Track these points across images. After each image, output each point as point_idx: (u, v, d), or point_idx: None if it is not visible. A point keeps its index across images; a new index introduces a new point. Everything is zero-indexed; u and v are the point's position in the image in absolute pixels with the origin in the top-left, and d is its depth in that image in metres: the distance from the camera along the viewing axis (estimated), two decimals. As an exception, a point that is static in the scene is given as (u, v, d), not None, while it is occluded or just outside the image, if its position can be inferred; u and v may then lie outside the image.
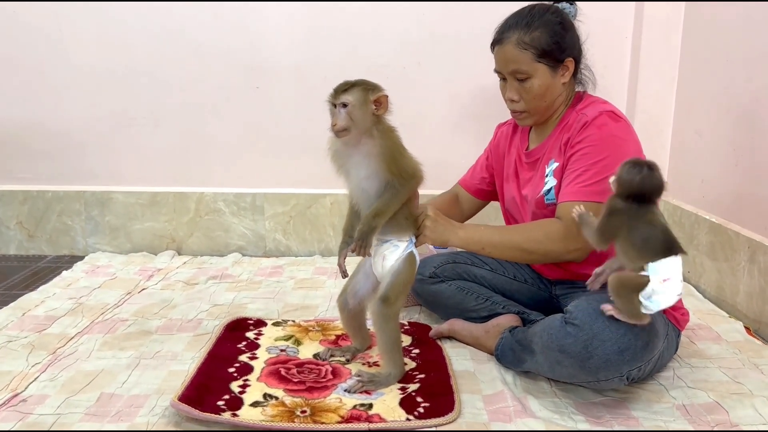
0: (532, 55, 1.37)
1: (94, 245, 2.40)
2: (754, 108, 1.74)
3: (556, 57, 1.38)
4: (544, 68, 1.38)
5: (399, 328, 1.35)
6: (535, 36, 1.37)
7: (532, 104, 1.42)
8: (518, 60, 1.39)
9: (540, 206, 1.44)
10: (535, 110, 1.44)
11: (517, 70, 1.40)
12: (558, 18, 1.40)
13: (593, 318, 1.18)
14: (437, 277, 1.65)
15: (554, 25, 1.38)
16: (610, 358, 1.16)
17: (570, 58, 1.40)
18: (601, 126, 1.33)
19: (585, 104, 1.42)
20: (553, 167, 1.41)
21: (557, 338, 1.21)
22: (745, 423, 1.21)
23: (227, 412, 1.21)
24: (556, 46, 1.37)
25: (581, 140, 1.34)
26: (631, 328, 1.16)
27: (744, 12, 1.79)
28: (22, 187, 2.39)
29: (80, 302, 1.84)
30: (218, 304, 1.84)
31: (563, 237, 1.33)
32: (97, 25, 2.25)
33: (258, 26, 2.24)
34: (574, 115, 1.40)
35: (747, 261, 1.71)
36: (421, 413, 1.22)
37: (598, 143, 1.32)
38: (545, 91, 1.40)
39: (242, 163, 2.37)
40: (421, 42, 2.25)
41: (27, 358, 1.46)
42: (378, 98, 1.25)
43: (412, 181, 1.27)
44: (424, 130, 2.32)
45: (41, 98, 2.31)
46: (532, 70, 1.38)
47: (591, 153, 1.32)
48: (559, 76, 1.40)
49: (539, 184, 1.44)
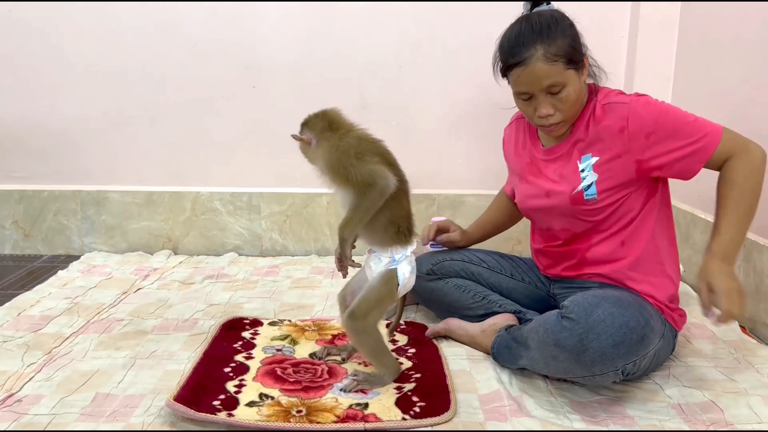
0: (563, 65, 1.32)
1: (90, 245, 2.39)
2: (749, 108, 1.75)
3: (579, 58, 1.35)
4: (573, 73, 1.34)
5: (377, 336, 1.33)
6: (559, 45, 1.32)
7: (570, 112, 1.38)
8: (550, 74, 1.32)
9: (578, 202, 1.40)
10: (571, 117, 1.40)
11: (551, 84, 1.33)
12: (567, 20, 1.37)
13: (589, 312, 1.18)
14: (434, 274, 1.65)
15: (568, 28, 1.35)
16: (606, 351, 1.16)
17: (586, 56, 1.38)
18: (647, 104, 1.33)
19: (602, 95, 1.40)
20: (591, 162, 1.38)
21: (553, 332, 1.22)
22: (740, 422, 1.21)
23: (223, 412, 1.21)
24: (576, 48, 1.35)
25: (654, 122, 1.31)
26: (627, 322, 1.17)
27: (739, 12, 1.79)
28: (18, 186, 2.38)
29: (76, 302, 1.83)
30: (214, 304, 1.84)
31: (744, 155, 1.31)
32: (93, 24, 2.24)
33: (254, 25, 2.24)
34: (598, 107, 1.37)
35: (742, 260, 1.72)
36: (417, 413, 1.22)
37: (666, 111, 1.33)
38: (578, 95, 1.36)
39: (238, 162, 2.37)
40: (417, 41, 2.24)
41: (22, 358, 1.46)
42: (305, 138, 1.34)
43: (371, 190, 1.22)
44: (420, 129, 2.32)
45: (37, 97, 2.31)
46: (565, 79, 1.33)
47: (672, 121, 1.31)
48: (583, 76, 1.39)
49: (573, 180, 1.40)
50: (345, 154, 1.24)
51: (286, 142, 2.34)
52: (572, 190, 1.40)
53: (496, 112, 2.25)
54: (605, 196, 1.37)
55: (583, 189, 1.39)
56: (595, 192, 1.37)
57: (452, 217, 2.30)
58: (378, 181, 1.22)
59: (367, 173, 1.22)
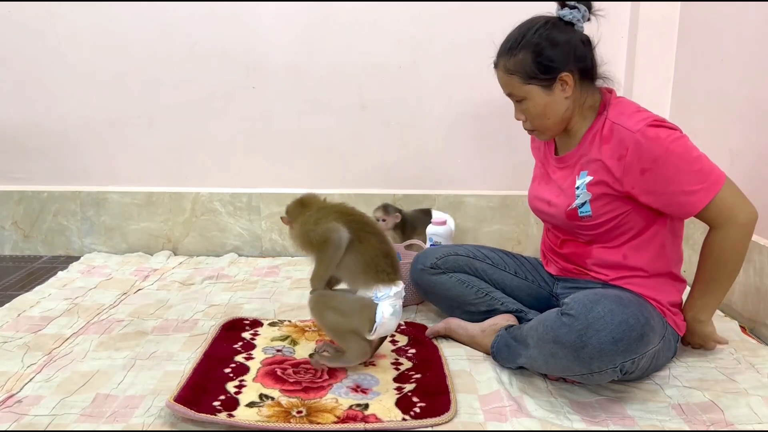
0: (520, 79, 1.36)
1: (90, 245, 2.39)
2: (749, 108, 1.75)
3: (545, 76, 1.34)
4: (537, 89, 1.35)
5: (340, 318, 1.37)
6: (518, 59, 1.35)
7: (536, 123, 1.41)
8: (508, 84, 1.39)
9: (573, 218, 1.41)
10: (542, 127, 1.42)
11: (510, 93, 1.40)
12: (543, 34, 1.33)
13: (589, 308, 1.19)
14: (438, 268, 1.64)
15: (536, 45, 1.33)
16: (604, 347, 1.16)
17: (566, 72, 1.34)
18: (656, 138, 1.27)
19: (616, 111, 1.35)
20: (585, 180, 1.37)
21: (552, 329, 1.22)
22: (740, 422, 1.21)
23: (223, 413, 1.21)
24: (541, 66, 1.33)
25: (654, 159, 1.27)
26: (627, 319, 1.17)
27: (739, 12, 1.79)
28: (17, 187, 2.38)
29: (76, 303, 1.83)
30: (214, 305, 1.84)
31: (733, 226, 1.31)
32: (91, 25, 2.24)
33: (253, 25, 2.24)
34: (608, 125, 1.34)
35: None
36: (417, 413, 1.22)
37: (671, 153, 1.27)
38: (543, 109, 1.37)
39: (238, 163, 2.37)
40: (417, 41, 2.25)
41: (22, 359, 1.46)
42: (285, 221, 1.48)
43: (326, 245, 1.36)
44: (419, 130, 2.32)
45: (36, 98, 2.31)
46: (524, 92, 1.37)
47: (674, 165, 1.27)
48: (558, 92, 1.36)
49: (569, 194, 1.41)
50: (306, 224, 1.40)
51: (286, 142, 2.35)
52: (567, 206, 1.41)
53: (495, 112, 2.26)
54: (601, 214, 1.38)
55: (577, 206, 1.40)
56: (589, 210, 1.38)
57: (453, 217, 2.30)
58: (331, 236, 1.35)
59: (321, 232, 1.37)
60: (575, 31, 1.36)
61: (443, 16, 2.22)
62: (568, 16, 1.36)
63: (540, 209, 1.54)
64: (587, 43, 1.39)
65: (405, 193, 2.35)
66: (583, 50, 1.36)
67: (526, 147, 1.69)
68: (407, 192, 2.35)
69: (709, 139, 1.95)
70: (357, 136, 2.33)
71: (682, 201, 1.30)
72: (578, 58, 1.35)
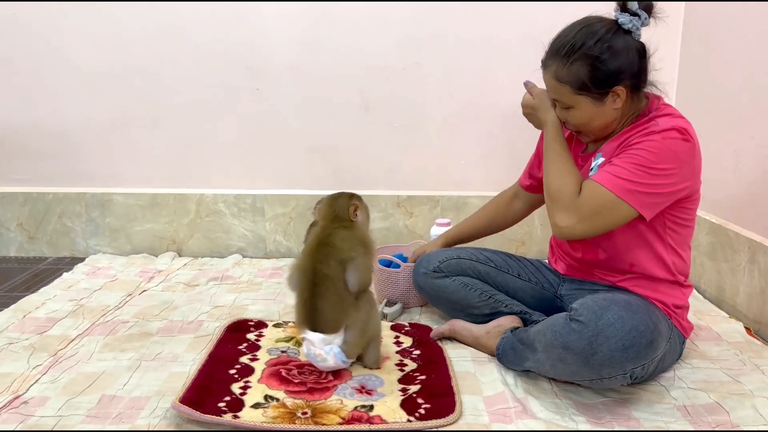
0: (571, 89, 1.31)
1: (95, 247, 2.40)
2: (753, 109, 1.74)
3: (599, 89, 1.29)
4: (586, 100, 1.31)
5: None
6: (573, 70, 1.28)
7: (579, 127, 1.38)
8: (557, 92, 1.33)
9: None
10: (587, 132, 1.39)
11: (557, 100, 1.35)
12: (603, 46, 1.27)
13: (598, 315, 1.18)
14: (441, 272, 1.64)
15: (595, 58, 1.27)
16: (615, 354, 1.16)
17: (620, 86, 1.29)
18: (666, 138, 1.24)
19: (659, 113, 1.32)
20: (599, 162, 1.36)
21: (561, 335, 1.21)
22: (745, 423, 1.21)
23: (228, 414, 1.21)
24: (597, 80, 1.28)
25: (640, 142, 1.26)
26: (636, 326, 1.17)
27: (743, 12, 1.79)
28: (23, 188, 2.39)
29: (81, 304, 1.84)
30: (219, 306, 1.84)
31: (571, 207, 1.28)
32: (95, 26, 2.25)
33: (257, 27, 2.24)
34: (643, 122, 1.32)
35: (747, 261, 1.72)
36: (422, 414, 1.22)
37: (655, 151, 1.24)
38: (590, 119, 1.34)
39: (242, 164, 2.37)
40: (420, 42, 2.25)
41: (28, 360, 1.46)
42: None
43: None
44: (423, 131, 2.32)
45: (40, 99, 2.31)
46: (573, 102, 1.32)
47: (642, 155, 1.24)
48: (609, 103, 1.31)
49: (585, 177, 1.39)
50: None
51: (290, 144, 2.36)
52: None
53: (499, 113, 2.26)
54: None
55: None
56: None
57: (456, 219, 2.30)
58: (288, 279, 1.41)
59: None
60: (633, 40, 1.30)
61: (447, 16, 2.22)
62: (627, 25, 1.28)
63: None
64: (643, 53, 1.32)
65: (409, 194, 2.35)
66: (639, 63, 1.31)
67: (530, 148, 1.70)
68: (411, 193, 2.35)
69: (713, 139, 1.94)
70: (361, 137, 2.33)
71: (603, 166, 1.30)
72: (633, 73, 1.30)
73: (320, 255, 1.33)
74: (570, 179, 1.32)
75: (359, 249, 1.34)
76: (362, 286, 1.35)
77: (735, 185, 1.82)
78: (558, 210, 1.31)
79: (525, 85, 1.47)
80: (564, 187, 1.31)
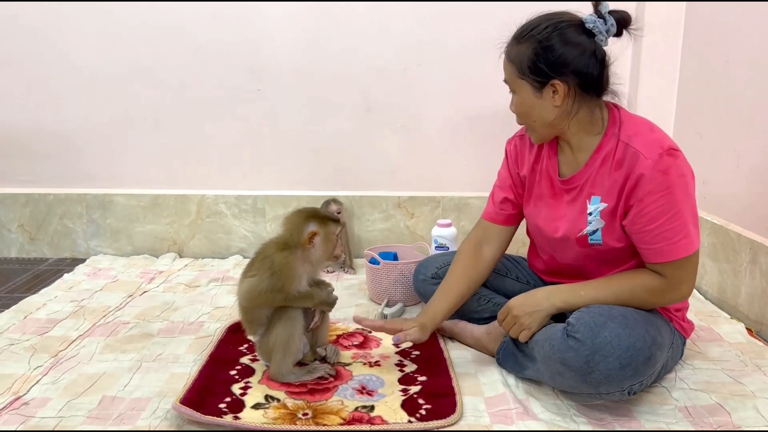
0: (515, 70, 1.29)
1: (96, 248, 2.40)
2: (755, 109, 1.74)
3: (537, 76, 1.25)
4: (527, 86, 1.28)
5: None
6: (521, 50, 1.26)
7: (523, 120, 1.36)
8: (507, 72, 1.32)
9: (583, 245, 1.34)
10: (530, 126, 1.36)
11: (506, 80, 1.34)
12: (550, 33, 1.23)
13: (595, 333, 1.16)
14: (440, 278, 1.64)
15: (539, 43, 1.24)
16: (612, 373, 1.15)
17: (559, 81, 1.24)
18: (667, 170, 1.20)
19: (629, 132, 1.26)
20: (599, 207, 1.30)
21: (559, 351, 1.20)
22: (747, 425, 1.20)
23: (229, 415, 1.21)
24: (536, 66, 1.25)
25: (650, 191, 1.21)
26: (634, 343, 1.15)
27: (745, 12, 1.79)
28: (24, 189, 2.39)
29: (82, 305, 1.84)
30: (220, 307, 1.84)
31: (669, 291, 1.26)
32: (97, 28, 2.25)
33: (258, 28, 2.25)
34: (621, 147, 1.25)
35: (749, 262, 1.71)
36: (423, 415, 1.22)
37: (671, 192, 1.20)
38: (529, 109, 1.31)
39: (243, 165, 2.37)
40: (421, 44, 2.25)
41: (29, 361, 1.46)
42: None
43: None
44: (424, 132, 2.32)
45: (42, 101, 2.32)
46: (516, 85, 1.31)
47: (666, 205, 1.20)
48: (548, 98, 1.27)
49: (579, 221, 1.34)
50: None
51: (291, 145, 2.36)
52: (577, 232, 1.34)
53: (500, 114, 2.26)
54: (612, 242, 1.31)
55: (588, 233, 1.33)
56: (600, 238, 1.32)
57: (457, 219, 2.31)
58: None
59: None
60: (592, 42, 1.24)
61: (448, 18, 2.22)
62: (590, 24, 1.24)
63: (543, 238, 1.46)
64: (600, 57, 1.26)
65: (410, 195, 2.35)
66: (588, 63, 1.24)
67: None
68: (412, 194, 2.35)
69: (714, 140, 1.94)
70: (362, 138, 2.33)
71: (654, 245, 1.24)
72: (579, 71, 1.24)
73: (248, 266, 1.41)
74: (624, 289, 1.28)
75: (264, 273, 1.33)
76: (243, 301, 1.38)
77: (736, 186, 1.82)
78: (663, 303, 1.31)
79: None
80: (638, 296, 1.28)
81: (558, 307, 1.29)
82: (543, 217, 1.43)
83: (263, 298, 1.33)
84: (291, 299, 1.35)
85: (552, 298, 1.30)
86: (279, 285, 1.32)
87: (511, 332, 1.34)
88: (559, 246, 1.41)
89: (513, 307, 1.33)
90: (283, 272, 1.32)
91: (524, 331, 1.31)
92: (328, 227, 1.37)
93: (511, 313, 1.32)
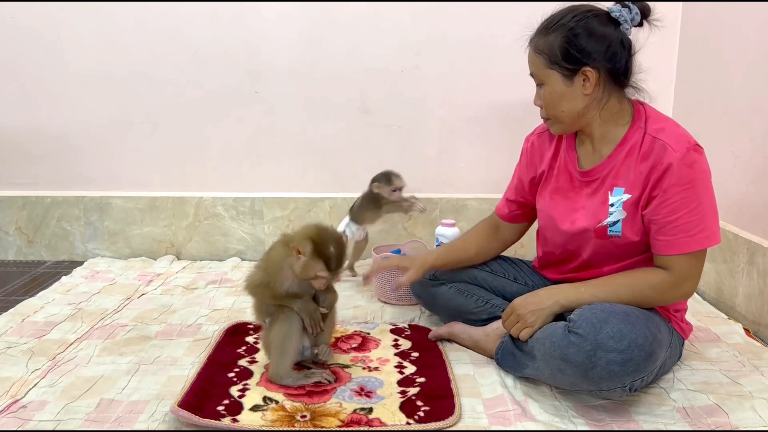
0: (544, 61, 1.31)
1: (93, 250, 2.40)
2: (752, 111, 1.75)
3: (568, 64, 1.28)
4: (557, 75, 1.30)
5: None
6: (549, 41, 1.29)
7: (550, 111, 1.36)
8: (534, 63, 1.34)
9: (601, 236, 1.35)
10: (556, 118, 1.36)
11: (533, 73, 1.36)
12: (578, 21, 1.27)
13: (597, 328, 1.16)
14: (437, 279, 1.64)
15: (569, 30, 1.27)
16: (614, 369, 1.15)
17: (590, 68, 1.27)
18: (692, 164, 1.24)
19: (656, 126, 1.29)
20: (623, 198, 1.31)
21: (560, 347, 1.20)
22: (745, 425, 1.21)
23: (227, 418, 1.21)
24: (566, 53, 1.27)
25: (674, 183, 1.24)
26: (635, 339, 1.15)
27: (742, 12, 1.79)
28: (21, 192, 2.38)
29: (79, 308, 1.83)
30: (218, 309, 1.84)
31: (673, 287, 1.28)
32: (95, 30, 2.25)
33: (256, 29, 2.25)
34: (648, 140, 1.28)
35: (746, 263, 1.72)
36: (422, 417, 1.22)
37: (694, 186, 1.24)
38: (558, 99, 1.32)
39: (241, 167, 2.37)
40: (419, 44, 2.25)
41: (26, 364, 1.46)
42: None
43: None
44: (422, 133, 2.32)
45: (39, 103, 2.31)
46: (544, 76, 1.32)
47: (688, 198, 1.23)
48: (578, 86, 1.29)
49: (600, 212, 1.34)
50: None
51: (289, 146, 2.36)
52: (597, 223, 1.35)
53: (498, 115, 2.26)
54: (631, 235, 1.32)
55: (608, 224, 1.33)
56: (620, 229, 1.33)
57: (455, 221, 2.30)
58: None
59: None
60: (618, 31, 1.29)
61: (445, 19, 2.22)
62: (615, 13, 1.29)
63: (557, 232, 1.45)
64: (627, 46, 1.30)
65: (408, 196, 2.35)
66: (617, 51, 1.28)
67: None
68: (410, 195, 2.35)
69: (712, 141, 1.94)
70: (359, 139, 2.33)
71: (672, 236, 1.26)
72: (609, 57, 1.28)
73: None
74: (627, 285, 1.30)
75: (261, 265, 1.40)
76: (245, 285, 1.41)
77: (733, 187, 1.82)
78: (668, 300, 1.32)
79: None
80: (643, 294, 1.29)
81: (562, 305, 1.31)
82: (560, 210, 1.44)
83: (255, 290, 1.38)
84: (278, 297, 1.36)
85: (555, 296, 1.32)
86: (267, 280, 1.35)
87: (514, 330, 1.35)
88: (573, 238, 1.42)
89: (517, 305, 1.35)
90: (271, 269, 1.36)
91: (526, 329, 1.32)
92: (314, 260, 1.31)
93: (515, 312, 1.35)
